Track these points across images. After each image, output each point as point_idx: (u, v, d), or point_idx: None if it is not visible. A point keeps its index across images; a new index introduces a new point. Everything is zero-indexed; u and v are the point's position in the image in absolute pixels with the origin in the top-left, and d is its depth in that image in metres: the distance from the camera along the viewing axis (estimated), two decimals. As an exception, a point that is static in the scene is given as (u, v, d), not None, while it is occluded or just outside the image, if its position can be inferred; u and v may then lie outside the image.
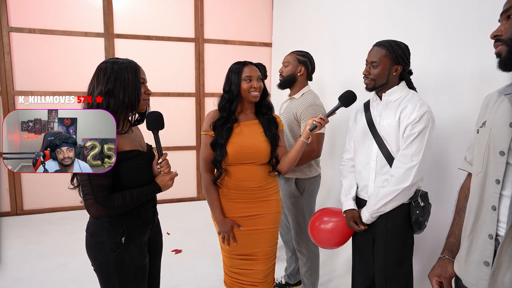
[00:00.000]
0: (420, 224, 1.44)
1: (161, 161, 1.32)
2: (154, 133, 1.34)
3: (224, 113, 1.60)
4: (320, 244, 1.71)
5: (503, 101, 0.92)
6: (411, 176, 1.38)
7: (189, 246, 3.07)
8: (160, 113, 1.36)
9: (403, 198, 1.42)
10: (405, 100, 1.46)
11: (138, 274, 1.29)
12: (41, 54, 3.68)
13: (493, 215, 0.89)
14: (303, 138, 1.59)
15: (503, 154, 0.87)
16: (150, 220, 1.37)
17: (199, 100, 4.31)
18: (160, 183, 1.32)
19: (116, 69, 1.21)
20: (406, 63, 1.50)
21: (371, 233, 1.54)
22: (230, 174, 1.61)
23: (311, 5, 3.39)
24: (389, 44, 1.47)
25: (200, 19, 4.20)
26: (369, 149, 1.52)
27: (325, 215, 1.71)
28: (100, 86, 1.19)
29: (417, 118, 1.38)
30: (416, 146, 1.38)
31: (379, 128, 1.49)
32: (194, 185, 4.44)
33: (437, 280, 1.04)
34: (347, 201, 1.58)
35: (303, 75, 2.08)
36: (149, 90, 1.33)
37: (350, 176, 1.64)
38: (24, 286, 2.41)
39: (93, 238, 1.25)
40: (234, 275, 1.69)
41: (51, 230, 3.28)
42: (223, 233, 1.65)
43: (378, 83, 1.48)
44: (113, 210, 1.18)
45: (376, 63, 1.47)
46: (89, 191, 1.15)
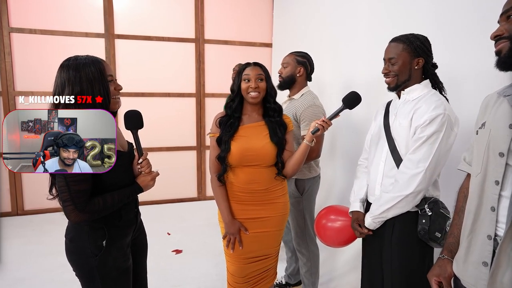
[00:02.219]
0: (427, 234, 1.30)
1: (141, 161, 1.29)
2: (133, 132, 1.29)
3: (229, 111, 1.62)
4: (325, 241, 1.69)
5: (502, 103, 0.92)
6: (415, 183, 1.28)
7: (189, 246, 3.07)
8: (138, 111, 1.30)
9: (406, 205, 1.33)
10: (422, 100, 1.35)
11: (121, 277, 1.26)
12: (41, 54, 3.68)
13: (492, 216, 0.89)
14: (307, 142, 1.55)
15: (502, 155, 0.87)
16: (133, 221, 1.33)
17: (199, 101, 4.31)
18: (141, 184, 1.29)
19: (80, 68, 1.13)
20: (428, 54, 1.38)
21: (378, 240, 1.46)
22: (236, 176, 1.60)
23: (311, 5, 3.39)
24: (405, 38, 1.38)
25: (200, 19, 4.20)
26: (380, 149, 1.45)
27: (333, 213, 1.69)
28: (66, 90, 1.12)
29: (427, 120, 1.27)
30: (424, 151, 1.28)
31: (392, 128, 1.41)
32: (194, 185, 4.44)
33: (436, 280, 1.05)
34: (354, 203, 1.54)
35: (303, 75, 2.08)
36: (119, 86, 1.26)
37: (362, 177, 1.59)
38: (25, 286, 2.41)
39: (73, 243, 1.21)
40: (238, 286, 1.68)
41: (51, 230, 3.30)
42: (229, 235, 1.61)
43: (400, 80, 1.38)
44: (93, 214, 1.15)
45: (394, 59, 1.37)
46: (68, 197, 1.11)
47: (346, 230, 1.59)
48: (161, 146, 4.19)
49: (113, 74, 1.23)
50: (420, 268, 1.35)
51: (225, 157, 1.57)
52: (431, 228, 1.30)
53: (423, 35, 1.40)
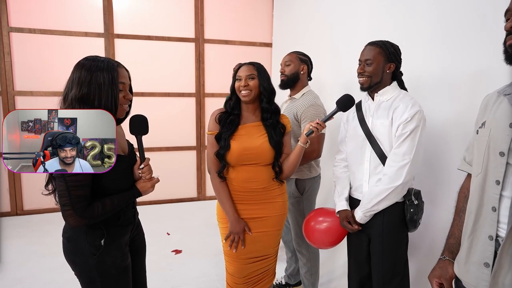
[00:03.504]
0: (414, 222, 1.46)
1: (143, 166, 1.28)
2: (138, 138, 1.28)
3: (228, 108, 1.64)
4: (315, 244, 1.71)
5: (502, 102, 0.92)
6: (403, 174, 1.40)
7: (189, 246, 3.07)
8: (144, 117, 1.29)
9: (396, 196, 1.44)
10: (397, 100, 1.48)
11: (121, 276, 1.26)
12: (41, 54, 3.68)
13: (493, 216, 0.88)
14: (301, 144, 1.57)
15: (503, 155, 0.87)
16: (131, 221, 1.33)
17: (199, 101, 4.31)
18: (140, 189, 1.29)
19: (93, 71, 1.13)
20: (399, 61, 1.53)
21: (366, 233, 1.55)
22: (234, 175, 1.60)
23: (311, 5, 3.39)
24: (381, 43, 1.52)
25: (200, 19, 4.20)
26: (362, 149, 1.54)
27: (319, 215, 1.72)
28: (74, 90, 1.13)
29: (408, 117, 1.40)
30: (407, 144, 1.40)
31: (372, 128, 1.51)
32: (194, 185, 4.44)
33: (438, 282, 1.04)
34: (340, 202, 1.60)
35: (305, 73, 2.09)
36: (130, 95, 1.25)
37: (343, 177, 1.66)
38: (25, 286, 2.41)
39: (71, 242, 1.21)
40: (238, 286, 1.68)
41: (51, 230, 3.30)
42: (234, 235, 1.59)
43: (373, 81, 1.50)
44: (92, 219, 1.14)
45: (370, 60, 1.49)
46: (67, 202, 1.10)
47: (333, 230, 1.62)
48: (161, 146, 4.19)
49: (125, 82, 1.22)
50: (403, 250, 1.52)
51: (224, 155, 1.57)
52: (418, 216, 1.47)
53: (395, 43, 1.54)
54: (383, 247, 1.49)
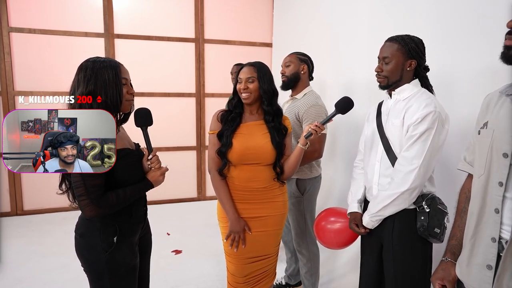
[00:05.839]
0: (426, 231, 1.32)
1: (151, 157, 1.32)
2: (143, 129, 1.33)
3: (231, 107, 1.65)
4: (325, 243, 1.69)
5: (505, 102, 0.91)
6: (410, 180, 1.30)
7: (189, 246, 3.07)
8: (148, 109, 1.35)
9: (403, 202, 1.34)
10: (413, 99, 1.37)
11: (129, 274, 1.29)
12: (41, 54, 3.67)
13: (496, 218, 0.88)
14: (301, 145, 1.57)
15: (506, 156, 0.86)
16: (142, 219, 1.37)
17: (199, 101, 4.31)
18: (151, 179, 1.32)
19: (97, 69, 1.18)
20: (421, 57, 1.40)
21: (378, 237, 1.47)
22: (236, 174, 1.60)
23: (311, 5, 3.39)
24: (401, 38, 1.40)
25: (200, 19, 4.19)
26: (375, 150, 1.47)
27: (332, 215, 1.69)
28: (80, 88, 1.17)
29: (419, 118, 1.30)
30: (417, 148, 1.30)
31: (385, 128, 1.43)
32: (194, 185, 4.43)
33: (440, 284, 1.03)
34: (352, 204, 1.56)
35: (306, 73, 2.08)
36: (132, 90, 1.31)
37: (359, 178, 1.61)
38: (25, 286, 2.40)
39: (84, 238, 1.24)
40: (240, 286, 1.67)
41: (51, 230, 3.27)
42: (234, 234, 1.59)
43: (391, 80, 1.41)
44: (108, 209, 1.18)
45: (388, 58, 1.39)
46: (83, 192, 1.14)
47: (345, 231, 1.59)
48: (161, 146, 4.18)
49: (127, 78, 1.28)
50: (424, 267, 1.36)
51: (225, 153, 1.57)
52: (430, 224, 1.31)
53: (418, 37, 1.42)
54: (394, 256, 1.38)
